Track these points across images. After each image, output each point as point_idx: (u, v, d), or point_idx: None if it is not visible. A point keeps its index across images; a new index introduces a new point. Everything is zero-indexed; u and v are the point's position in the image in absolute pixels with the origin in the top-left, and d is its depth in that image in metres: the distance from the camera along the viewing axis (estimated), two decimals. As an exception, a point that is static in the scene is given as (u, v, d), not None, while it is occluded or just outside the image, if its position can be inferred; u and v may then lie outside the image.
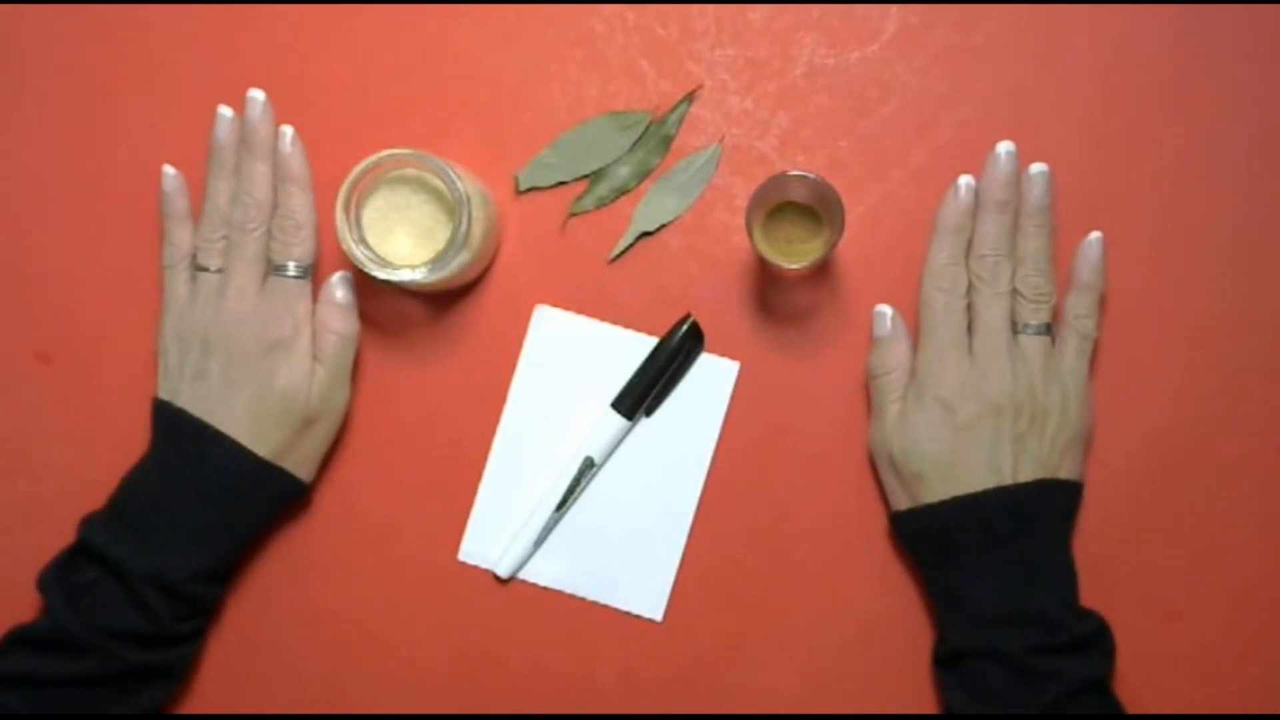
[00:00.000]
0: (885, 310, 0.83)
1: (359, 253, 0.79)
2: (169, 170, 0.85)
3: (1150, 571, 0.84)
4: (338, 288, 0.83)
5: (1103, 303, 0.82)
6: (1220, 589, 0.84)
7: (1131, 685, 0.81)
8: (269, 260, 0.82)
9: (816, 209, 0.81)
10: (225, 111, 0.84)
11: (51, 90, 0.88)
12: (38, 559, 0.81)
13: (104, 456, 0.85)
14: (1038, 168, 0.81)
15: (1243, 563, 0.84)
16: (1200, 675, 0.83)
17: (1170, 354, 0.84)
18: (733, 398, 0.85)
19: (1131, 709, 0.81)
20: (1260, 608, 0.83)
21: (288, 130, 0.83)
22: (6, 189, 0.88)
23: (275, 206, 0.82)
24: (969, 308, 0.81)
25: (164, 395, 0.83)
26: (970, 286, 0.81)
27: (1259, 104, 0.84)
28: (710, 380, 0.85)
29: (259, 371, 0.80)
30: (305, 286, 0.82)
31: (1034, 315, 0.80)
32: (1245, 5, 0.84)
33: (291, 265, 0.81)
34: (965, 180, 0.82)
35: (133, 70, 0.87)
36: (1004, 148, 0.81)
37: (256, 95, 0.83)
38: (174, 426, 0.81)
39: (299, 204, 0.82)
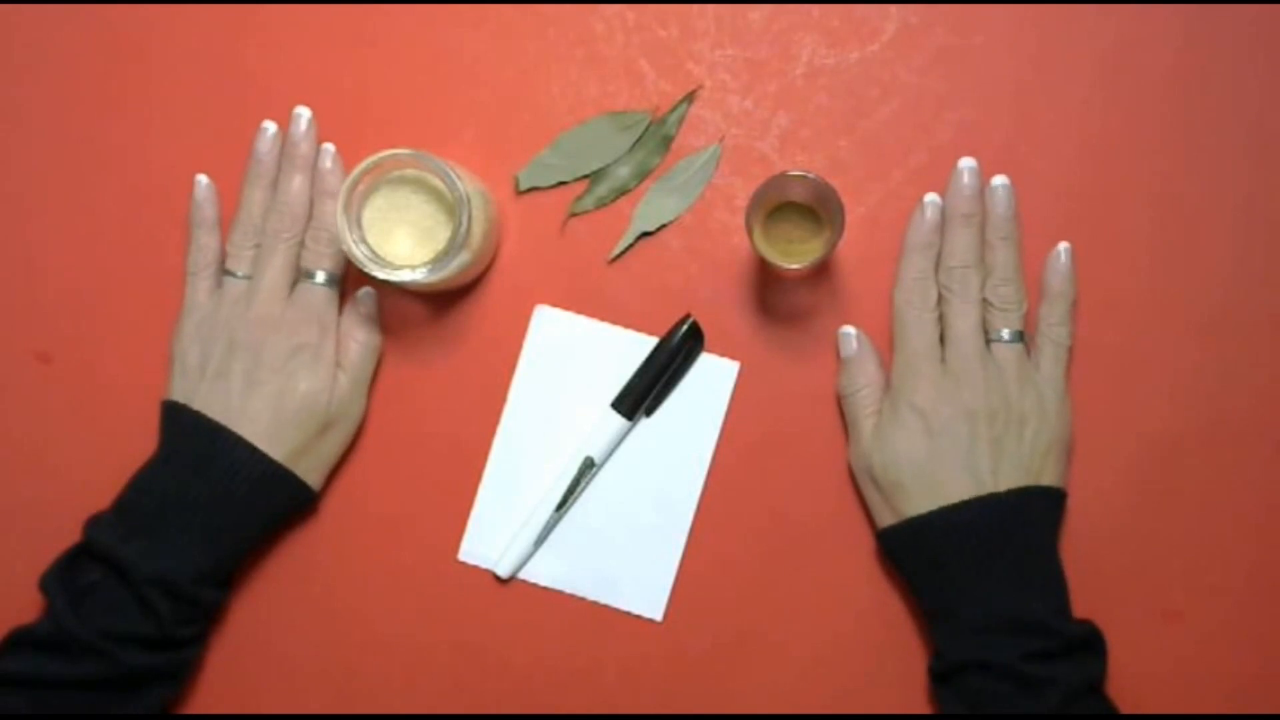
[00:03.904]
0: (850, 330, 0.83)
1: (359, 253, 0.79)
2: (201, 179, 0.86)
3: (1150, 571, 0.84)
4: (363, 301, 0.84)
5: (1075, 310, 0.82)
6: (1220, 589, 0.84)
7: (1131, 685, 0.81)
8: (299, 269, 0.83)
9: (816, 209, 0.81)
10: (269, 126, 0.85)
11: (53, 91, 0.88)
12: (36, 558, 0.80)
13: (104, 457, 0.85)
14: (1000, 180, 0.82)
15: (1242, 562, 0.84)
16: (1200, 675, 0.83)
17: (1169, 353, 0.84)
18: (733, 398, 0.85)
19: (1131, 709, 0.81)
20: (1260, 608, 0.83)
21: (329, 147, 0.84)
22: (7, 189, 0.88)
23: (310, 218, 0.83)
24: (940, 320, 0.81)
25: (178, 398, 0.83)
26: (941, 299, 0.81)
27: (1258, 103, 0.84)
28: (710, 380, 0.85)
29: (282, 373, 0.81)
30: (333, 295, 0.83)
31: (1005, 323, 0.81)
32: (1245, 5, 0.84)
33: (321, 274, 0.83)
34: (931, 198, 0.82)
35: (133, 71, 0.87)
36: (965, 164, 0.82)
37: (302, 112, 0.85)
38: (186, 428, 0.81)
39: (334, 217, 0.82)
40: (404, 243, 0.81)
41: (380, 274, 0.79)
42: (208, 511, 0.80)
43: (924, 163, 0.85)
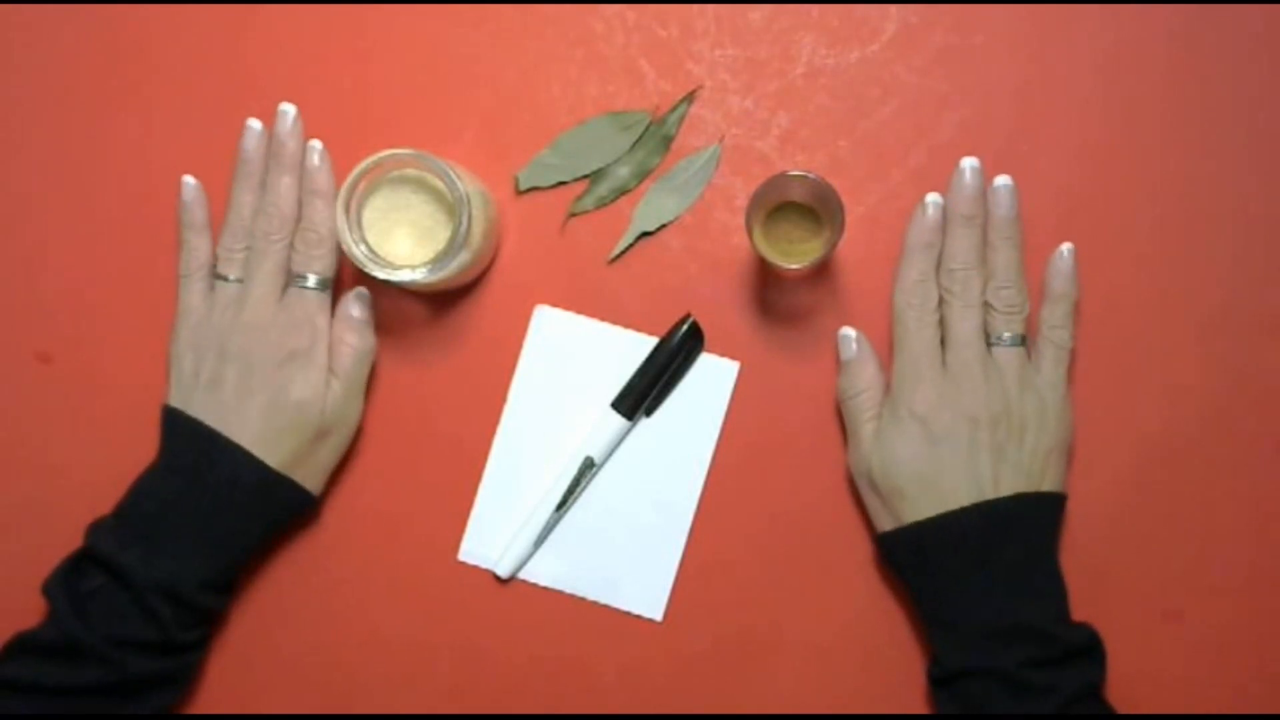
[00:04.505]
0: (850, 333, 0.83)
1: (359, 252, 0.79)
2: (189, 180, 0.85)
3: (1150, 571, 0.84)
4: (354, 303, 0.84)
5: (1077, 312, 0.82)
6: (1220, 589, 0.84)
7: (1131, 685, 0.81)
8: (289, 272, 0.82)
9: (816, 209, 0.81)
10: (254, 124, 0.84)
11: (53, 91, 0.88)
12: (36, 560, 0.80)
13: (104, 458, 0.85)
14: (1002, 180, 0.81)
15: (1242, 562, 0.84)
16: (1200, 675, 0.83)
17: (1169, 353, 0.84)
18: (733, 398, 0.85)
19: (1131, 709, 0.81)
20: (1260, 608, 0.83)
21: (316, 144, 0.83)
22: (7, 189, 0.88)
23: (299, 219, 0.82)
24: (941, 322, 0.81)
25: (175, 403, 0.82)
26: (942, 301, 0.81)
27: (1258, 103, 0.84)
28: (710, 380, 0.85)
29: (274, 382, 0.80)
30: (325, 299, 0.82)
31: (1007, 327, 0.80)
32: (1244, 5, 0.84)
33: (312, 277, 0.82)
34: (932, 198, 0.81)
35: (133, 71, 0.87)
36: (968, 163, 0.81)
37: (287, 109, 0.84)
38: (184, 434, 0.81)
39: (323, 217, 0.82)
40: (404, 243, 0.81)
41: (380, 274, 0.79)
42: (207, 518, 0.80)
43: (924, 163, 0.85)
